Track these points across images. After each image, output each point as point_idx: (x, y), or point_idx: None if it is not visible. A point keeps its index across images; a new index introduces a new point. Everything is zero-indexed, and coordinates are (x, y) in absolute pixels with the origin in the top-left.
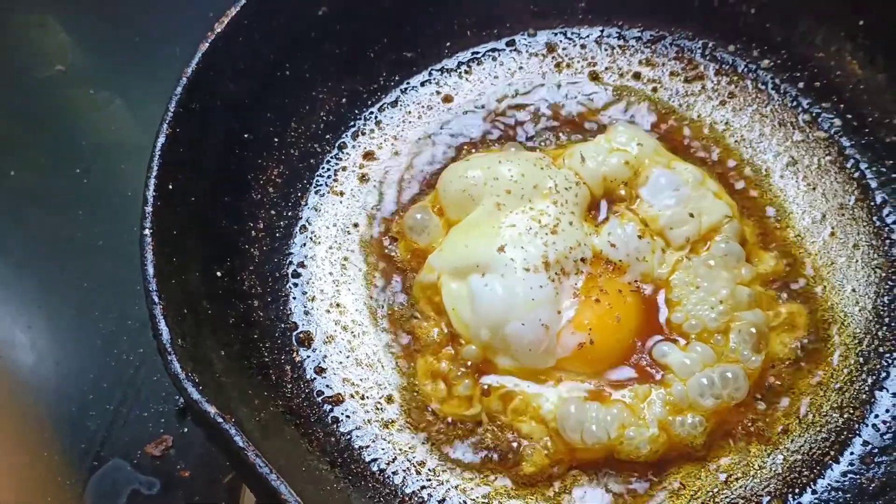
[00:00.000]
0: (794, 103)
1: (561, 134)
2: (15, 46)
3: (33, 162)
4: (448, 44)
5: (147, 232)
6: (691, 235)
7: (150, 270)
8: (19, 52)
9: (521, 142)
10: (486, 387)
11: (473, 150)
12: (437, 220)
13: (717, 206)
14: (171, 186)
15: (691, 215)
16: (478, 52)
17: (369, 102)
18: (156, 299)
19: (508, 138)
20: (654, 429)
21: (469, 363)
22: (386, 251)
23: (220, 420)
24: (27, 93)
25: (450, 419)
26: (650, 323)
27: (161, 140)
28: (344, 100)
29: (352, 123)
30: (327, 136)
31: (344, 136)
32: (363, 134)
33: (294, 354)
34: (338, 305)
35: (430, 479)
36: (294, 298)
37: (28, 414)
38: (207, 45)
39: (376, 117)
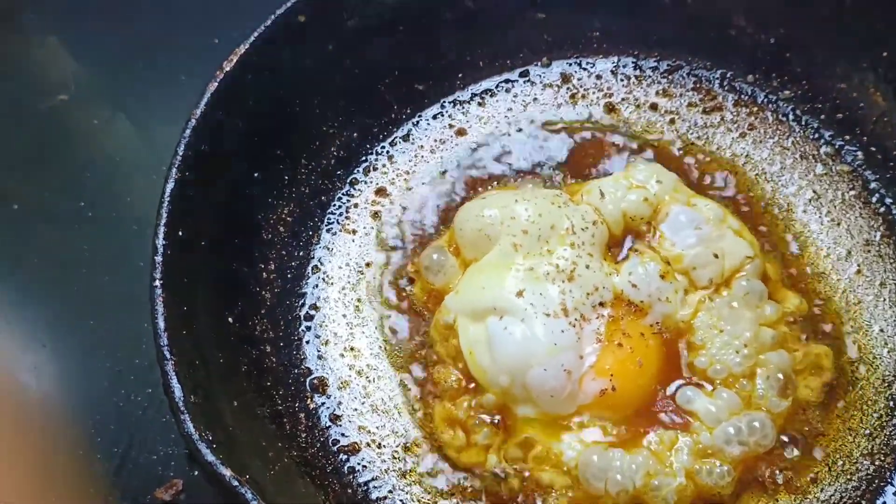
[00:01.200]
0: (816, 135)
1: (578, 169)
2: (19, 71)
3: (36, 194)
4: (460, 75)
5: (157, 283)
6: (714, 277)
7: (161, 324)
8: (23, 77)
9: (538, 175)
10: (505, 435)
11: (489, 187)
12: (453, 259)
13: (738, 245)
14: (181, 233)
15: (716, 256)
16: (491, 84)
17: (381, 137)
18: (167, 354)
19: (525, 174)
20: (682, 478)
21: (488, 410)
22: (401, 292)
23: (236, 484)
24: (30, 120)
25: (469, 468)
26: (673, 367)
27: (170, 186)
28: (355, 134)
29: (363, 159)
30: (338, 173)
31: (356, 171)
32: (375, 169)
33: (308, 401)
34: (352, 349)
35: None
36: (307, 342)
37: (33, 459)
38: (216, 84)
39: (388, 152)
